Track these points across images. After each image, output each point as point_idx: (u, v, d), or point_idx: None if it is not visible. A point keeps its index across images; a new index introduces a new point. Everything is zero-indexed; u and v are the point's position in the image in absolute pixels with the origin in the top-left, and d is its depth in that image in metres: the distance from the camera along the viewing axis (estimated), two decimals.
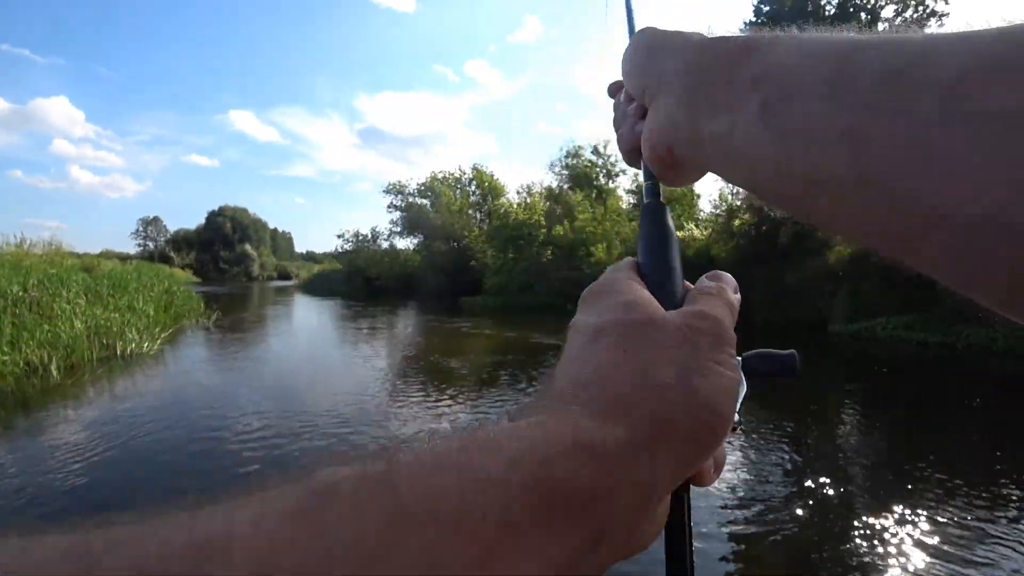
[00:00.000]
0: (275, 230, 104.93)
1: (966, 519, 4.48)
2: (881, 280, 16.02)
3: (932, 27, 19.97)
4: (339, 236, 45.88)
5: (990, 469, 5.56)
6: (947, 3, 19.65)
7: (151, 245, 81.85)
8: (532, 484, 0.20)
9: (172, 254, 74.52)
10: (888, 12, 20.38)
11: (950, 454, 6.18)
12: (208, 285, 48.43)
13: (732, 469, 5.52)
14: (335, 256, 50.49)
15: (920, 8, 19.96)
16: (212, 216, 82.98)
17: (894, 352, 13.47)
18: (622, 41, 0.45)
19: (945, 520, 4.45)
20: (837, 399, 9.33)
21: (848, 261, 17.28)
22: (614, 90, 0.47)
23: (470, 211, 40.41)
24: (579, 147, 33.73)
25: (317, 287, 44.07)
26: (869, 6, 20.55)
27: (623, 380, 0.26)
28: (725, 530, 4.41)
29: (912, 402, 9.25)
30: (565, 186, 33.63)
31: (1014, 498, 4.92)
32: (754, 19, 23.07)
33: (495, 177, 40.39)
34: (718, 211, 24.46)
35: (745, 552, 4.16)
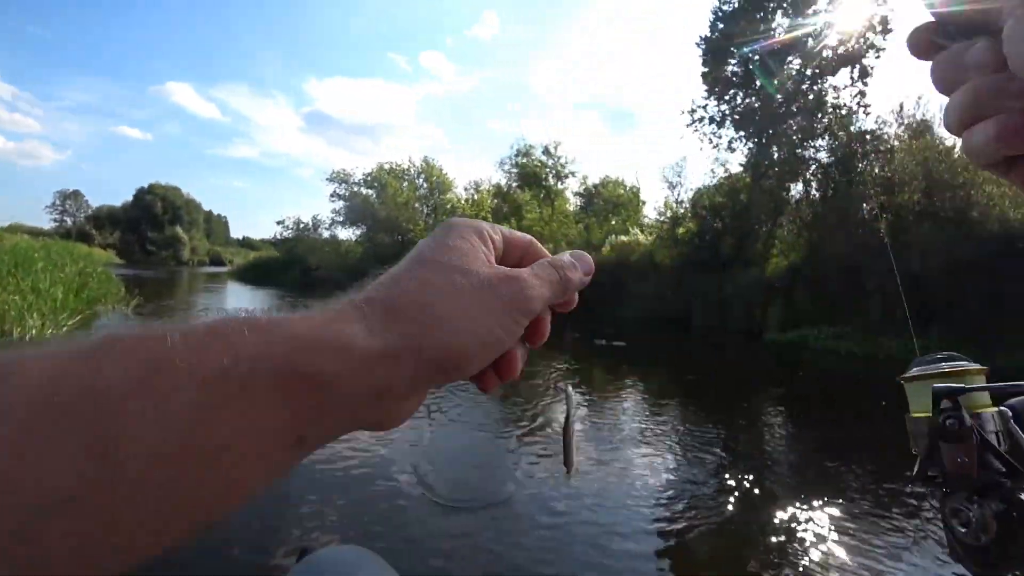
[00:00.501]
0: (210, 213, 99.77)
1: (879, 514, 4.79)
2: (811, 292, 16.63)
3: (869, 59, 21.10)
4: (279, 223, 43.66)
5: (900, 469, 5.67)
6: (884, 39, 20.73)
7: (69, 221, 75.95)
8: (280, 361, 0.26)
9: (93, 232, 69.54)
10: (832, 40, 21.27)
11: (866, 456, 6.52)
12: (132, 268, 45.07)
13: (664, 470, 5.74)
14: (273, 243, 48.11)
15: (861, 41, 20.95)
16: (141, 194, 78.01)
17: (824, 361, 13.95)
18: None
19: (857, 513, 4.78)
20: (768, 403, 9.71)
21: (784, 273, 17.84)
22: (939, 39, 0.29)
23: (416, 204, 39.51)
24: (530, 146, 33.60)
25: (252, 275, 41.84)
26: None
27: (407, 304, 0.31)
28: (654, 527, 4.49)
29: (835, 407, 9.73)
30: (514, 184, 33.44)
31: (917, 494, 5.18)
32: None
33: (444, 171, 39.76)
34: (663, 218, 24.84)
35: (672, 550, 4.19)
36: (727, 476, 5.63)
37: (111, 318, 13.77)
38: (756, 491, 5.27)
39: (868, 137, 18.51)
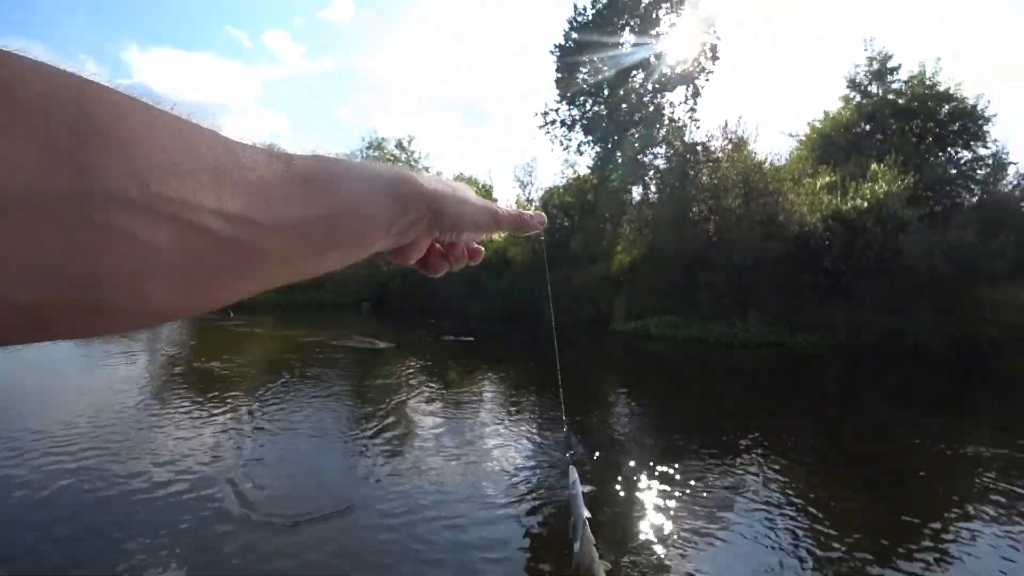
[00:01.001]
0: None
1: (713, 474, 5.25)
2: (651, 285, 17.80)
3: (701, 80, 23.53)
4: None
5: (725, 436, 6.64)
6: (713, 64, 23.32)
7: None
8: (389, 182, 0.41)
9: None
10: (671, 60, 23.42)
11: (700, 424, 7.21)
12: None
13: (515, 458, 5.67)
14: None
15: (695, 64, 23.34)
16: None
17: (663, 346, 14.92)
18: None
19: (695, 475, 5.19)
20: (614, 386, 10.21)
21: (627, 268, 18.91)
22: None
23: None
24: (382, 139, 32.37)
25: None
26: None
27: (423, 181, 0.44)
28: (503, 517, 4.34)
29: (673, 385, 10.49)
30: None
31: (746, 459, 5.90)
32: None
33: None
34: None
35: (526, 535, 4.11)
36: (576, 457, 5.60)
37: None
38: (605, 468, 5.30)
39: (699, 148, 20.48)
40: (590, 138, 24.50)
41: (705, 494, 4.68)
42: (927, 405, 9.50)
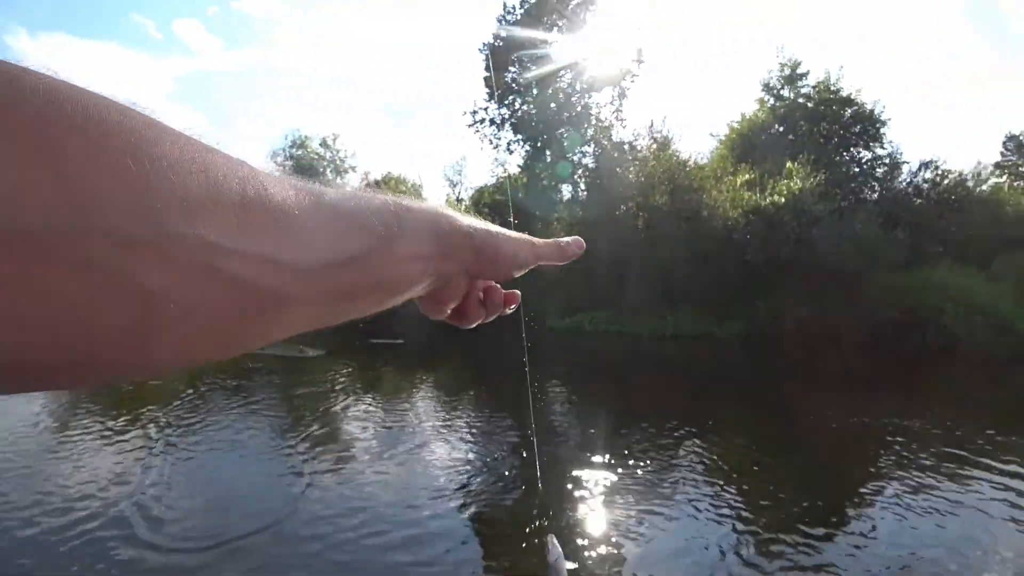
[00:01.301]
0: None
1: (651, 464, 5.33)
2: (584, 282, 17.97)
3: (626, 82, 24.11)
4: None
5: (663, 425, 6.76)
6: (638, 67, 23.98)
7: None
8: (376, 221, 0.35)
9: None
10: (597, 62, 23.87)
11: (637, 415, 7.27)
12: None
13: (451, 460, 5.50)
14: None
15: (620, 67, 23.91)
16: None
17: (597, 342, 15.09)
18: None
19: (633, 465, 5.22)
20: (552, 382, 10.06)
21: (560, 266, 18.98)
22: None
23: None
24: (306, 137, 30.99)
25: None
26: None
27: (460, 217, 0.43)
28: (437, 521, 4.18)
29: (610, 378, 10.68)
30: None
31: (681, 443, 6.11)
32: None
33: None
34: None
35: (462, 534, 4.01)
36: (515, 455, 5.49)
37: None
38: (549, 462, 5.25)
39: (625, 147, 20.92)
40: (519, 137, 24.52)
41: (648, 482, 4.72)
42: (840, 384, 10.14)
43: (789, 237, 15.62)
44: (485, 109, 24.89)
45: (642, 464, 5.17)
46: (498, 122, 24.81)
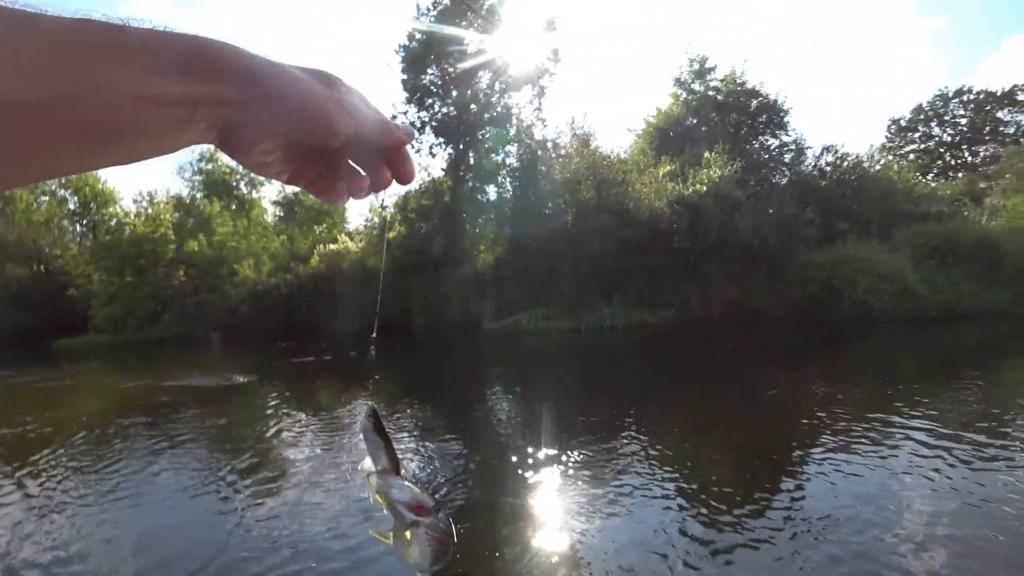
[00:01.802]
0: None
1: (601, 459, 5.19)
2: (518, 281, 17.79)
3: (545, 80, 24.25)
4: None
5: (605, 414, 6.82)
6: (555, 65, 24.14)
7: None
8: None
9: None
10: (515, 61, 23.83)
11: (581, 408, 7.21)
12: None
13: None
14: None
15: (538, 65, 23.99)
16: None
17: (537, 339, 14.90)
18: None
19: (583, 460, 5.08)
20: (494, 383, 10.02)
21: (492, 266, 18.72)
22: None
23: (65, 223, 30.54)
24: (215, 149, 29.13)
25: None
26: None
27: (238, 53, 0.35)
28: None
29: (552, 375, 10.49)
30: (199, 195, 28.47)
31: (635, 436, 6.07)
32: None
33: (103, 181, 31.67)
34: (369, 223, 24.08)
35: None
36: (465, 460, 5.31)
37: None
38: (494, 469, 5.06)
39: (549, 145, 20.96)
40: (441, 140, 24.07)
41: (591, 469, 4.70)
42: (769, 358, 10.54)
43: (713, 223, 16.12)
44: (404, 113, 24.24)
45: (585, 452, 5.13)
46: (418, 126, 24.22)
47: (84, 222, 31.65)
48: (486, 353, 14.09)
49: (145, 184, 35.93)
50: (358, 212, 34.33)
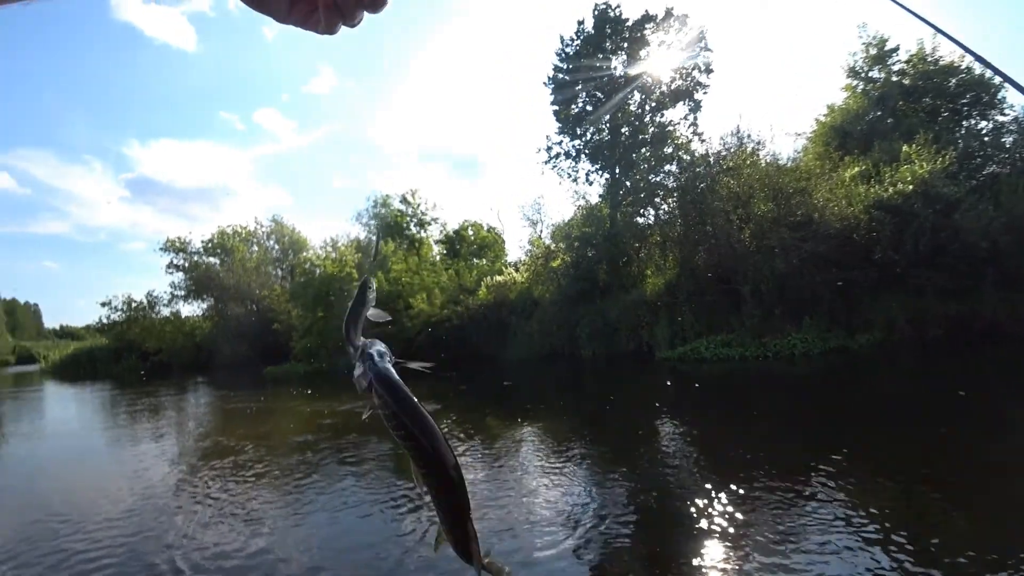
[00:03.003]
0: (13, 302, 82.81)
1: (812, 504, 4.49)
2: (691, 305, 17.01)
3: (699, 95, 23.35)
4: (104, 304, 35.85)
5: (798, 457, 5.90)
6: (708, 78, 23.17)
7: None
8: None
9: None
10: (665, 78, 23.27)
11: (781, 447, 6.39)
12: None
13: (577, 508, 5.02)
14: (99, 330, 39.47)
15: (690, 80, 23.15)
16: None
17: (717, 368, 14.05)
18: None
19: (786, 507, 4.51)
20: (674, 417, 9.23)
21: (662, 291, 18.15)
22: None
23: (270, 268, 35.71)
24: (387, 196, 32.22)
25: (73, 370, 34.47)
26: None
27: None
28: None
29: (742, 409, 9.58)
30: (374, 237, 31.66)
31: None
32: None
33: (297, 230, 36.63)
34: (534, 254, 24.74)
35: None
36: (629, 499, 5.01)
37: None
38: (668, 509, 4.75)
39: (712, 160, 19.97)
40: (597, 166, 24.17)
41: (780, 534, 4.08)
42: (1012, 389, 8.75)
43: (925, 227, 14.06)
44: (559, 143, 24.81)
45: (770, 503, 4.55)
46: (573, 154, 24.62)
47: (284, 266, 36.54)
48: (659, 383, 13.58)
49: (327, 232, 40.77)
50: (518, 245, 35.54)
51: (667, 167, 22.27)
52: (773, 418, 8.54)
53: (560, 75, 24.45)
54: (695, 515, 4.45)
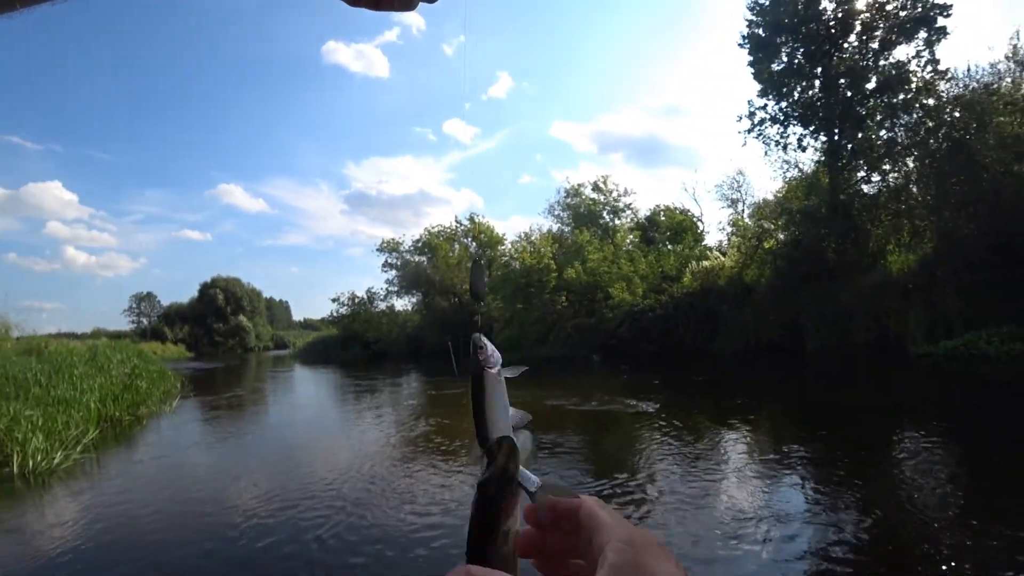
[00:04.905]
0: (271, 299, 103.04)
1: None
2: (956, 289, 14.03)
3: (941, 19, 18.89)
4: (334, 300, 42.17)
5: None
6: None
7: (144, 321, 79.39)
8: None
9: (165, 329, 71.88)
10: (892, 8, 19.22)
11: None
12: (201, 360, 44.26)
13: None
14: (331, 322, 47.37)
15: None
16: (204, 288, 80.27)
17: (1011, 370, 11.24)
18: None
19: None
20: (924, 426, 7.10)
21: (916, 269, 15.33)
22: None
23: (469, 263, 38.66)
24: (579, 185, 32.28)
25: (312, 355, 40.57)
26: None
27: None
28: None
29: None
30: (566, 228, 32.01)
31: None
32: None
33: (492, 227, 38.93)
34: (743, 234, 22.76)
35: None
36: (858, 532, 3.68)
37: (152, 424, 12.09)
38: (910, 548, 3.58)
39: (980, 96, 15.97)
40: (811, 128, 21.07)
41: None
42: None
43: None
44: (763, 107, 22.13)
45: None
46: (780, 119, 21.82)
47: (482, 261, 39.10)
48: (917, 385, 11.31)
49: (517, 228, 42.30)
50: (717, 227, 33.19)
51: (904, 117, 18.54)
52: None
53: (754, 29, 21.71)
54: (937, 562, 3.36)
